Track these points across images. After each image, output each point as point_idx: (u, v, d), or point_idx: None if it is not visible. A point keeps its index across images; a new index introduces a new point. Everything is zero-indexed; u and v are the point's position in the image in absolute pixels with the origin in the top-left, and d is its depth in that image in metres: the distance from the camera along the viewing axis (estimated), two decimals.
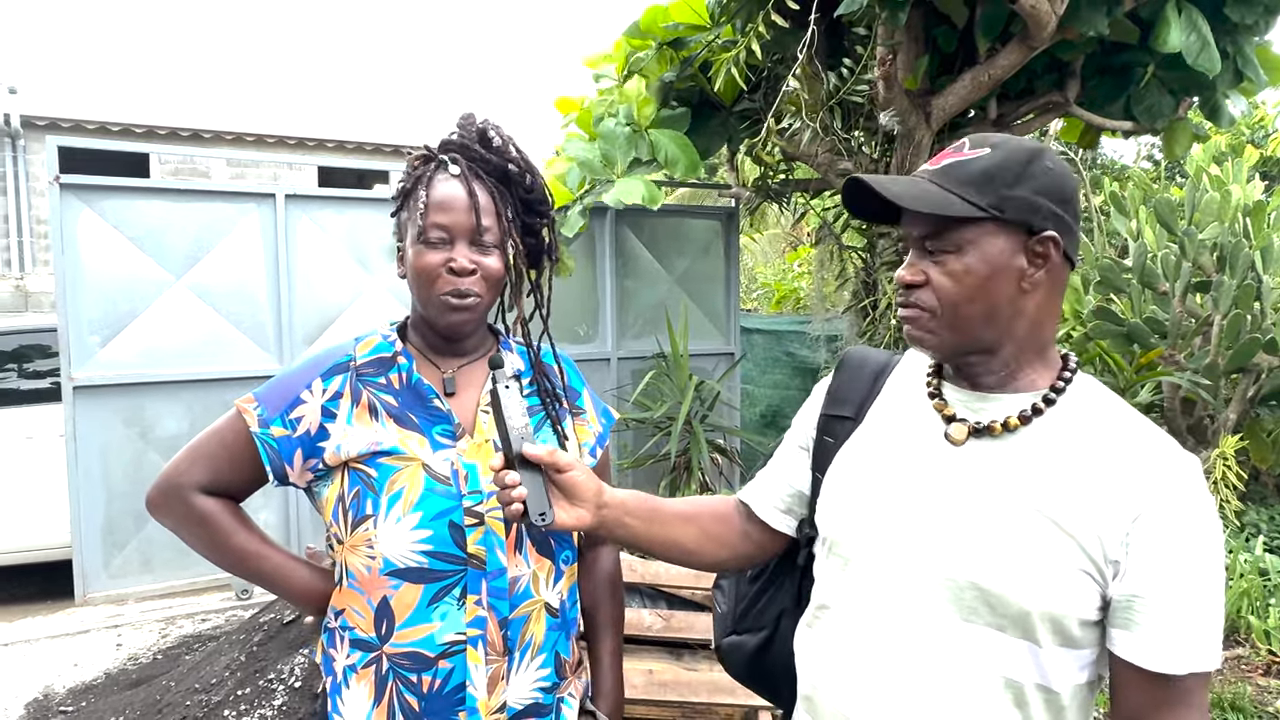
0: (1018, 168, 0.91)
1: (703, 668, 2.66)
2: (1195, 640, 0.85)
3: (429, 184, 1.15)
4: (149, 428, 3.87)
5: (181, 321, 3.94)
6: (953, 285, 0.93)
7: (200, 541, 1.21)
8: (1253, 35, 3.37)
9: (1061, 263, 0.93)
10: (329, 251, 4.15)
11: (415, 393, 1.18)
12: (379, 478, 1.13)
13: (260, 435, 1.16)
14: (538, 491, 1.01)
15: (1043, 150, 0.94)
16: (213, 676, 2.86)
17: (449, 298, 1.14)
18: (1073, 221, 0.94)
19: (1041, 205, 0.91)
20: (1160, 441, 0.90)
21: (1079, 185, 0.98)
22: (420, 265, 1.14)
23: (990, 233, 0.91)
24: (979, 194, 0.91)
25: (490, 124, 1.21)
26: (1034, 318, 0.94)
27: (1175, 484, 0.87)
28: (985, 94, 3.44)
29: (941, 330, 0.95)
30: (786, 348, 6.17)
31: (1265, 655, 3.27)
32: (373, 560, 1.13)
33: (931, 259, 0.94)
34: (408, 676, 1.13)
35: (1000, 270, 0.91)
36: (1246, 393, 4.39)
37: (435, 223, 1.14)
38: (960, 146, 0.96)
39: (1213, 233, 4.41)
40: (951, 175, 0.93)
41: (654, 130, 4.02)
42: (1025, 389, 0.95)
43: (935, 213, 0.92)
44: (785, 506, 1.16)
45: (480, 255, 1.15)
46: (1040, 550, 0.88)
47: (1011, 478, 0.92)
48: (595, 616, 1.34)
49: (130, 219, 3.85)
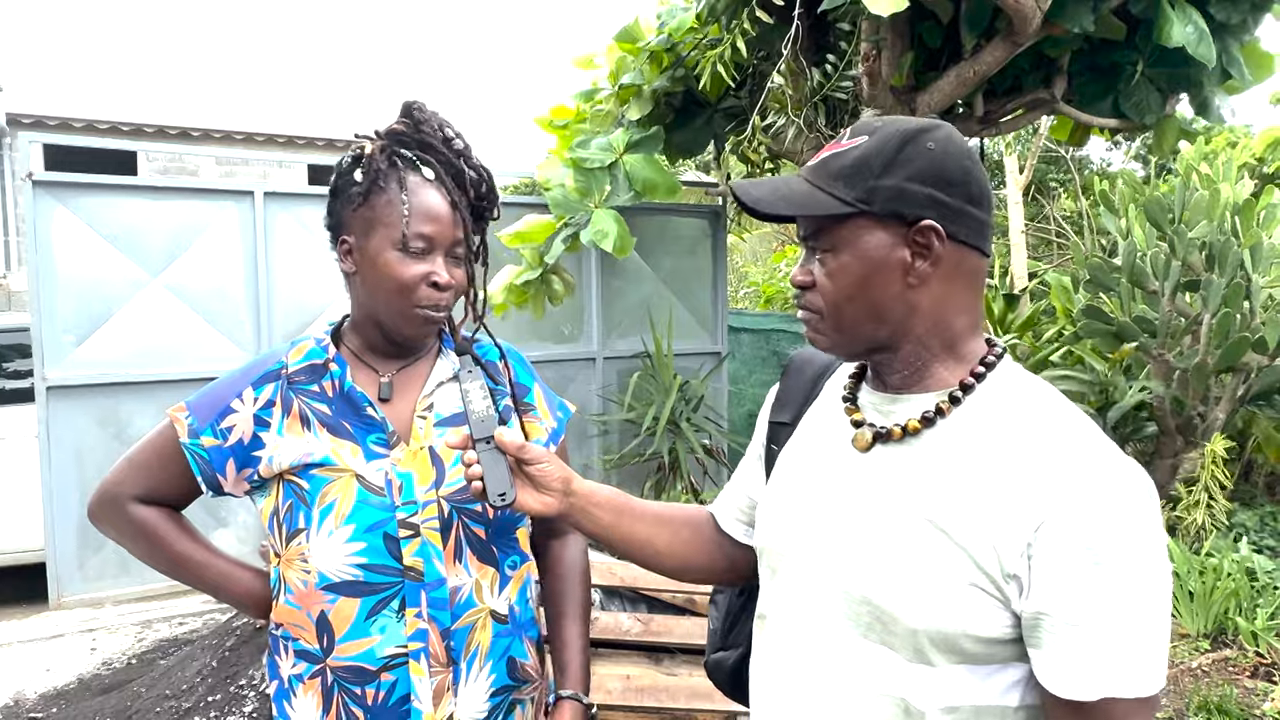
0: (890, 153, 0.85)
1: (682, 673, 2.62)
2: (1112, 663, 0.75)
3: (404, 186, 1.09)
4: (124, 428, 3.82)
5: (158, 321, 3.89)
6: (832, 285, 0.88)
7: (141, 551, 1.19)
8: (1241, 33, 3.35)
9: (956, 250, 0.86)
10: (311, 250, 4.10)
11: (348, 400, 1.14)
12: (311, 490, 1.10)
13: (189, 445, 1.13)
14: (499, 471, 1.01)
15: (925, 129, 0.86)
16: (184, 682, 2.81)
17: (427, 311, 1.11)
18: (963, 204, 0.85)
19: (915, 192, 0.84)
20: (1079, 440, 0.80)
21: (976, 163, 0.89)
22: (399, 275, 1.09)
23: (863, 227, 0.85)
24: (848, 187, 0.85)
25: (444, 121, 1.16)
26: (932, 312, 0.87)
27: (1087, 486, 0.77)
28: (970, 90, 3.40)
29: (830, 331, 0.90)
30: (774, 346, 6.13)
31: (1253, 657, 3.24)
32: (308, 574, 1.10)
33: (817, 259, 0.90)
34: (352, 689, 1.11)
35: (879, 265, 0.85)
36: (1236, 391, 4.36)
37: (420, 232, 1.09)
38: (842, 136, 0.91)
39: (1202, 231, 4.38)
40: (825, 170, 0.88)
41: (628, 158, 4.01)
42: (934, 388, 0.89)
43: (795, 213, 0.88)
44: (746, 518, 1.12)
45: (454, 267, 1.13)
46: (926, 563, 0.81)
47: (906, 485, 0.86)
48: (560, 605, 1.28)
49: (106, 217, 3.79)
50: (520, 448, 1.01)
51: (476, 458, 1.01)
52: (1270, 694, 2.98)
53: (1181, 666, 3.22)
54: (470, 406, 1.03)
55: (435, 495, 1.12)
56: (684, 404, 4.70)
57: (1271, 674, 3.15)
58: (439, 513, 1.12)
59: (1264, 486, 5.39)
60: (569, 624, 1.26)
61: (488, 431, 1.02)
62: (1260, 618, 3.35)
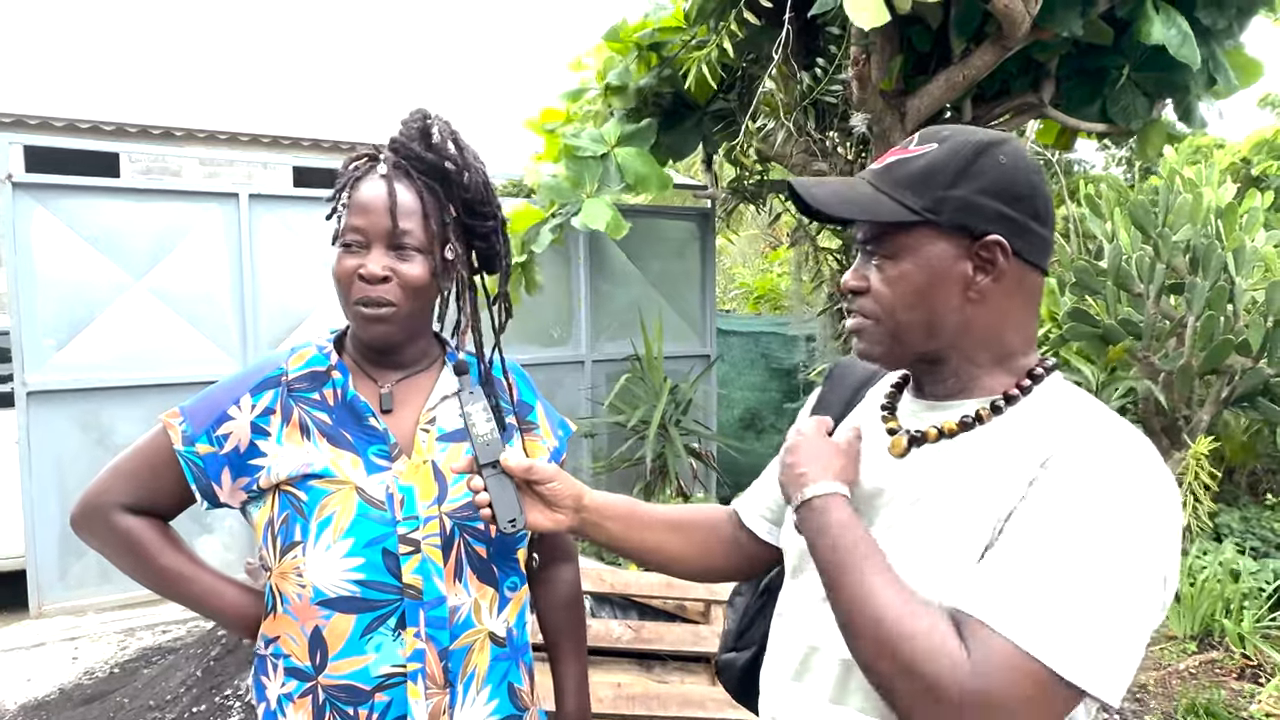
0: (961, 164, 0.83)
1: (673, 680, 2.61)
2: (1019, 599, 0.70)
3: (354, 185, 1.09)
4: (107, 433, 3.77)
5: (141, 324, 3.84)
6: (891, 293, 0.86)
7: (124, 562, 1.14)
8: (1225, 38, 3.37)
9: (1018, 267, 0.85)
10: (297, 253, 4.05)
11: (350, 410, 1.11)
12: (309, 502, 1.06)
13: (184, 453, 1.09)
14: (508, 497, 0.99)
15: (995, 142, 0.85)
16: (168, 692, 2.77)
17: (360, 307, 1.07)
18: (1029, 221, 0.84)
19: (984, 206, 0.83)
20: (1111, 430, 0.79)
21: (1043, 179, 0.88)
22: (336, 271, 1.09)
23: (928, 237, 0.84)
24: (915, 195, 0.84)
25: (437, 119, 1.13)
26: (986, 328, 0.86)
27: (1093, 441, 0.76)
28: (960, 94, 3.40)
29: (884, 339, 0.89)
30: (764, 349, 6.13)
31: (1239, 659, 3.27)
32: (303, 589, 1.06)
33: (874, 264, 0.88)
34: (344, 709, 1.07)
35: (941, 277, 0.84)
36: (1220, 394, 4.39)
37: (351, 225, 1.07)
38: (909, 142, 0.89)
39: (1186, 235, 4.42)
40: (890, 175, 0.86)
41: (620, 150, 3.99)
42: (978, 395, 0.88)
43: (863, 218, 0.86)
44: (772, 516, 1.11)
45: (397, 261, 1.07)
46: (946, 545, 0.80)
47: (936, 479, 0.84)
48: (556, 637, 1.28)
49: (88, 219, 3.74)
50: (528, 469, 1.00)
51: (483, 484, 0.99)
52: (1257, 695, 3.00)
53: (1170, 669, 3.24)
54: (474, 430, 1.00)
55: (437, 511, 1.09)
56: (673, 407, 4.69)
57: (1258, 675, 3.17)
58: (440, 529, 1.08)
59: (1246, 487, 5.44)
60: (566, 661, 1.26)
61: (493, 456, 0.99)
62: (1246, 619, 3.37)
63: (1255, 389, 4.29)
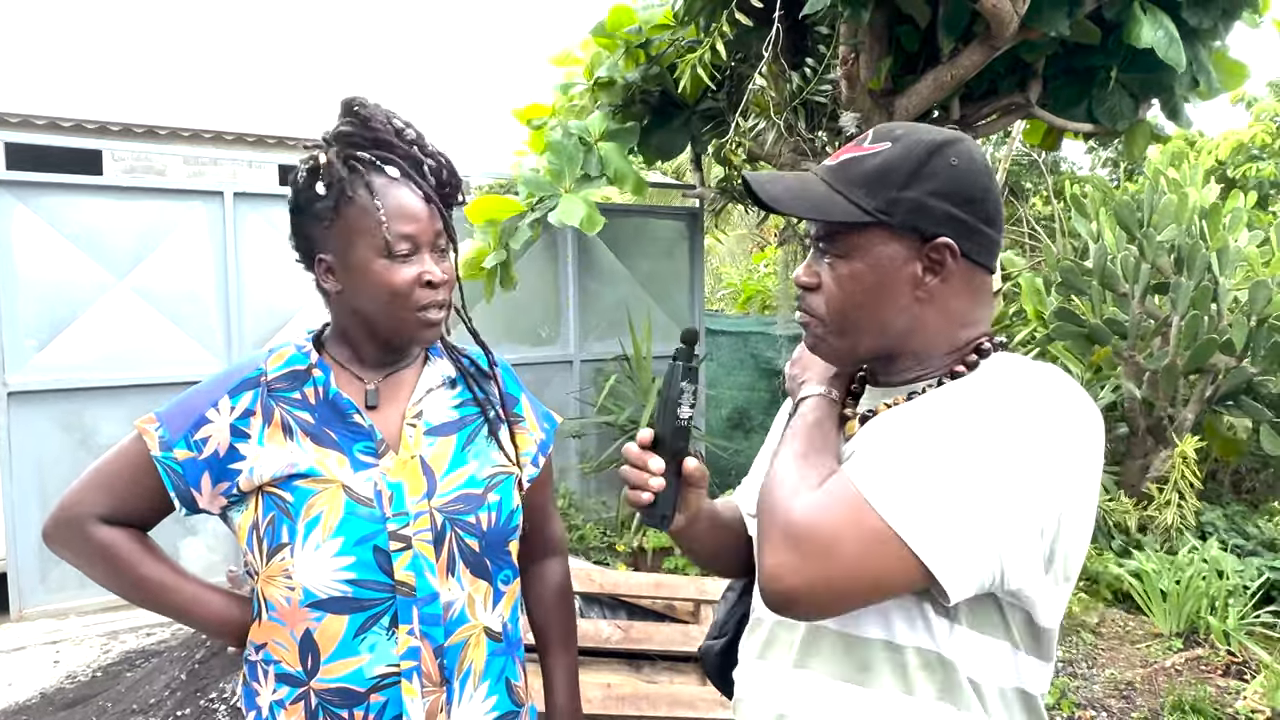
0: (914, 165, 0.84)
1: (662, 680, 2.60)
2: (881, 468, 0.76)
3: (374, 191, 1.03)
4: (89, 434, 3.73)
5: (124, 324, 3.80)
6: (840, 291, 0.87)
7: (102, 575, 1.10)
8: (1211, 39, 3.40)
9: (966, 268, 0.86)
10: (283, 252, 3.99)
11: (333, 407, 1.09)
12: (295, 502, 1.04)
13: (162, 459, 1.06)
14: (671, 490, 0.95)
15: (948, 143, 0.85)
16: (151, 696, 2.74)
17: (428, 313, 1.06)
18: (978, 222, 0.85)
19: (935, 208, 0.83)
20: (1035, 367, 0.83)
21: (993, 180, 0.92)
22: (391, 282, 1.04)
23: (879, 238, 0.85)
24: (868, 195, 0.84)
25: (390, 113, 1.11)
26: (935, 326, 0.87)
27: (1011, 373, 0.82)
28: (948, 94, 3.42)
29: (830, 337, 0.89)
30: (752, 349, 6.14)
31: (1224, 656, 3.29)
32: (292, 591, 1.04)
33: (826, 261, 0.88)
34: (338, 713, 1.05)
35: (890, 278, 0.85)
36: (1204, 393, 4.43)
37: (402, 234, 1.03)
38: (863, 139, 0.89)
39: (1170, 235, 4.45)
40: (844, 173, 0.86)
41: (604, 144, 3.99)
42: (932, 376, 0.90)
43: (814, 217, 0.87)
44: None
45: (441, 261, 1.08)
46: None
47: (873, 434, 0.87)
48: (546, 633, 1.27)
49: (69, 217, 3.70)
50: (703, 476, 0.97)
51: (663, 467, 0.93)
52: (1242, 692, 3.02)
53: (1156, 666, 3.25)
54: (679, 411, 0.95)
55: (427, 506, 1.07)
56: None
57: (1243, 672, 3.19)
58: (431, 524, 1.07)
59: (1230, 485, 5.49)
60: (556, 658, 1.25)
61: (681, 444, 0.95)
62: (1231, 617, 3.39)
63: (1239, 388, 4.33)
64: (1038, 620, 0.81)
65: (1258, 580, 3.62)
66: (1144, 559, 3.76)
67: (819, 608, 0.77)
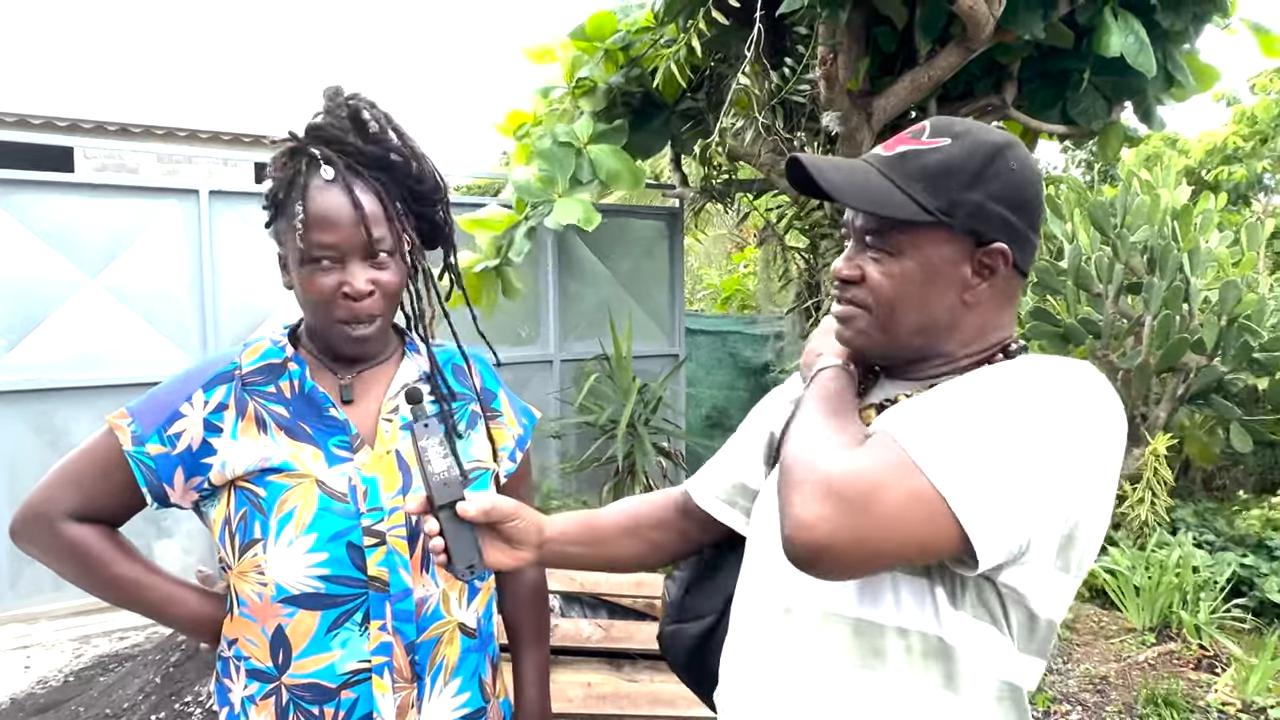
0: (977, 166, 0.83)
1: (643, 679, 2.60)
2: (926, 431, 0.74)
3: (304, 192, 1.00)
4: (60, 436, 3.67)
5: (97, 323, 3.75)
6: (890, 286, 0.85)
7: (73, 573, 1.09)
8: (1182, 42, 3.45)
9: (1010, 274, 0.86)
10: (259, 250, 3.98)
11: (308, 401, 1.08)
12: (268, 497, 1.03)
13: (134, 454, 1.04)
14: (466, 540, 0.93)
15: (1008, 145, 0.85)
16: (125, 700, 2.70)
17: (345, 327, 1.04)
18: (1027, 229, 0.85)
19: (995, 213, 0.83)
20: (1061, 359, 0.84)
21: (1043, 187, 0.92)
22: (311, 289, 1.02)
23: (937, 239, 0.83)
24: (929, 193, 0.82)
25: (363, 102, 1.06)
26: (973, 329, 0.87)
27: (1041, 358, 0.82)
28: (925, 95, 3.44)
29: (874, 331, 0.88)
30: (732, 349, 6.15)
31: (1196, 650, 3.34)
32: (264, 587, 1.03)
33: (870, 255, 0.87)
34: (309, 709, 1.04)
35: (941, 279, 0.84)
36: (1176, 391, 4.50)
37: (320, 242, 1.00)
38: (919, 132, 0.87)
39: (1143, 235, 4.52)
40: (903, 166, 0.84)
41: (593, 147, 3.99)
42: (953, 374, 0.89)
43: (878, 212, 0.84)
44: (727, 496, 1.09)
45: (377, 272, 1.03)
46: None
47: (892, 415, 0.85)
48: (519, 629, 1.26)
49: (41, 215, 3.64)
50: (487, 512, 0.94)
51: (439, 527, 0.92)
52: (1213, 685, 3.07)
53: (1129, 660, 3.30)
54: (429, 468, 0.92)
55: (402, 502, 1.06)
56: (642, 406, 4.68)
57: (1214, 666, 3.25)
58: (406, 520, 1.06)
59: (1201, 483, 5.58)
60: (527, 654, 1.24)
61: (452, 496, 0.92)
62: (1202, 611, 3.45)
63: (1209, 386, 4.40)
64: (1036, 612, 0.81)
65: (1227, 575, 3.68)
66: (1118, 555, 3.81)
67: (844, 564, 0.74)
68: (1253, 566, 3.89)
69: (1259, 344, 4.07)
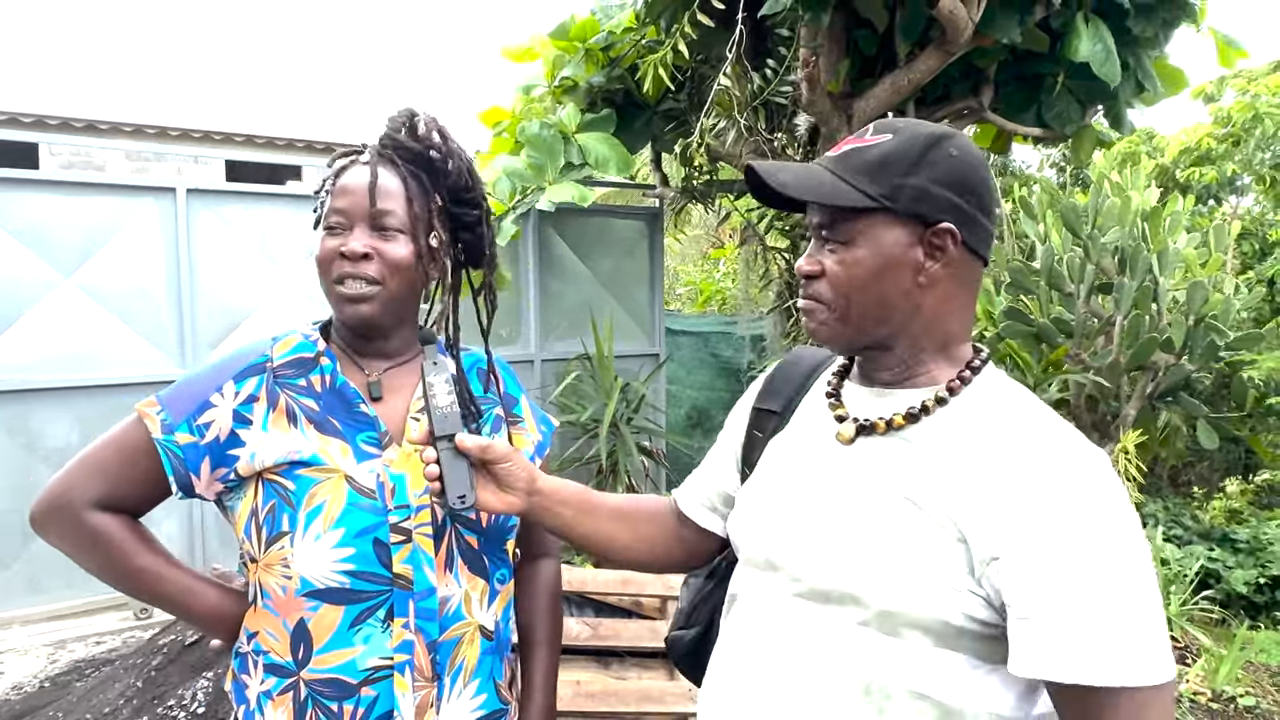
0: (915, 154, 0.87)
1: (631, 676, 2.62)
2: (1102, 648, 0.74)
3: (339, 172, 1.10)
4: (35, 438, 3.60)
5: (71, 324, 3.68)
6: (845, 276, 0.89)
7: (95, 563, 1.08)
8: (1151, 48, 3.53)
9: (965, 256, 0.89)
10: (237, 250, 3.93)
11: (339, 396, 1.09)
12: (297, 491, 1.03)
13: (163, 442, 1.04)
14: (460, 472, 0.98)
15: (946, 136, 0.89)
16: (105, 705, 2.66)
17: (340, 286, 1.06)
18: (976, 212, 0.89)
19: (938, 195, 0.87)
20: (1058, 435, 0.83)
21: (989, 173, 0.95)
22: (318, 254, 1.09)
23: (883, 223, 0.87)
24: (872, 182, 0.87)
25: (423, 113, 1.14)
26: (933, 313, 0.90)
27: (1066, 478, 0.79)
28: (904, 98, 3.49)
29: (834, 323, 0.92)
30: (712, 349, 6.19)
31: None
32: (289, 580, 1.03)
33: (828, 249, 0.91)
34: (328, 705, 1.04)
35: (893, 262, 0.88)
36: (1145, 389, 4.60)
37: (333, 208, 1.07)
38: (864, 132, 0.93)
39: (1114, 237, 4.61)
40: (848, 162, 0.90)
41: (582, 134, 4.02)
42: (924, 385, 0.92)
43: (823, 202, 0.89)
44: (712, 505, 1.13)
45: (380, 241, 1.06)
46: (901, 539, 0.83)
47: (887, 471, 0.88)
48: (532, 632, 1.26)
49: (10, 212, 3.57)
50: (483, 448, 1.00)
51: (436, 456, 0.98)
52: (1185, 676, 3.14)
53: None
54: (433, 401, 0.99)
55: (429, 500, 1.07)
56: (624, 406, 4.70)
57: (1185, 657, 3.33)
58: (432, 518, 1.07)
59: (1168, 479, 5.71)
60: (539, 658, 1.25)
61: (451, 429, 0.99)
62: (1173, 604, 3.54)
63: (1177, 384, 4.50)
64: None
65: (1195, 567, 3.78)
66: None
67: None
68: (1219, 560, 3.99)
69: (1225, 343, 4.18)
